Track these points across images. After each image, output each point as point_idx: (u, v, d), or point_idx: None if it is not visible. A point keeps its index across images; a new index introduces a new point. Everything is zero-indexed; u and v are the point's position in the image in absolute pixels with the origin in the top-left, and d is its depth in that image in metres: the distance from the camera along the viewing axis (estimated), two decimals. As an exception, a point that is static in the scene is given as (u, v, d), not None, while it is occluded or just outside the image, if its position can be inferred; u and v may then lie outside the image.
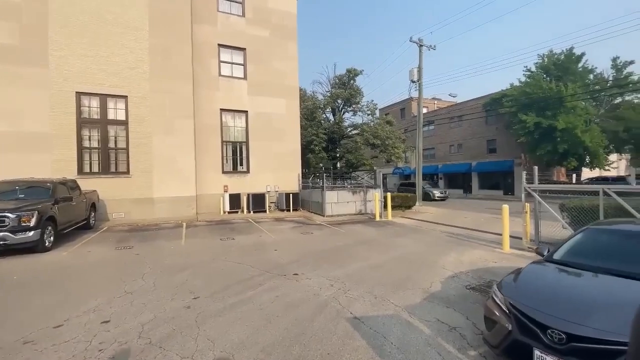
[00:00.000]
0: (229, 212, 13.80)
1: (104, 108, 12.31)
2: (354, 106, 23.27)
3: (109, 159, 12.41)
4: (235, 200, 14.06)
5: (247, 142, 15.21)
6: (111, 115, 12.45)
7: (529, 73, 24.78)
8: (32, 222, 7.09)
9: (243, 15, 15.35)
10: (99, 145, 12.28)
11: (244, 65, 15.27)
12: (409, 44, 20.71)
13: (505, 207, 7.68)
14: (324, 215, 13.09)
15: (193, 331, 3.55)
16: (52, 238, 7.76)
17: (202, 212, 13.59)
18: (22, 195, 8.05)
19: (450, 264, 6.35)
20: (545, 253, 3.56)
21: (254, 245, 8.12)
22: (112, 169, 12.45)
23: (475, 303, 4.40)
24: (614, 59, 24.33)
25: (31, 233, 7.08)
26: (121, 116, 12.52)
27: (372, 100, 26.30)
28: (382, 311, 4.07)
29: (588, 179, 22.93)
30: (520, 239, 7.95)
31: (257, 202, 14.26)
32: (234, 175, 14.86)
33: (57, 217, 8.01)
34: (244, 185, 14.73)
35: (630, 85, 23.11)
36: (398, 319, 3.85)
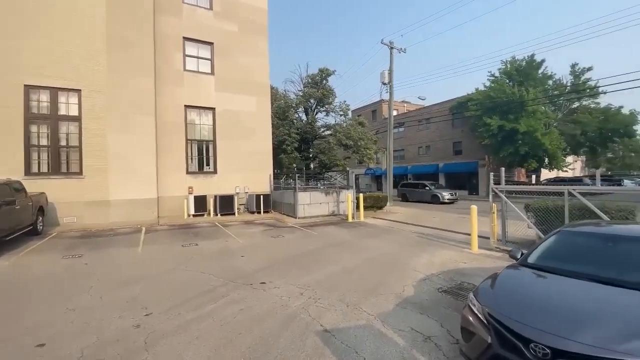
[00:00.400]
0: (194, 216, 13.04)
1: (54, 103, 11.16)
2: (326, 106, 23.10)
3: (60, 158, 11.27)
4: (201, 202, 13.31)
5: (214, 141, 14.50)
6: (62, 111, 11.32)
7: (493, 78, 25.97)
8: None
9: (210, 8, 14.62)
10: (48, 143, 11.12)
11: (211, 60, 14.55)
12: (381, 46, 20.90)
13: (474, 207, 7.77)
14: (296, 217, 12.74)
15: (140, 356, 3.09)
16: (-15, 247, 6.80)
17: (165, 216, 12.73)
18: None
19: (422, 266, 6.28)
20: (519, 256, 3.48)
21: (219, 251, 7.61)
22: (63, 169, 11.32)
23: (449, 307, 4.29)
24: (573, 66, 26.12)
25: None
26: (73, 111, 11.42)
27: (345, 101, 26.45)
28: (354, 321, 3.82)
29: (547, 179, 24.40)
30: (488, 238, 8.08)
31: (225, 204, 13.60)
32: (200, 175, 14.10)
33: (-8, 223, 7.03)
34: (211, 187, 14.02)
35: (588, 90, 24.90)
36: (371, 329, 3.61)
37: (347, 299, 4.54)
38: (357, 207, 12.90)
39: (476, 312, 2.66)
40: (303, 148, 23.13)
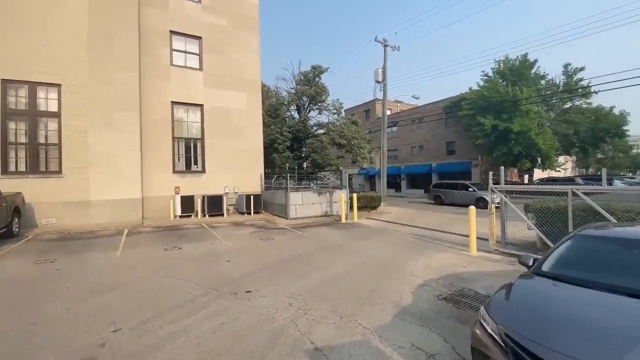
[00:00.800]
0: (180, 217, 12.50)
1: (32, 98, 10.54)
2: (319, 104, 22.66)
3: (38, 156, 10.65)
4: (188, 203, 12.77)
5: (202, 139, 13.97)
6: (42, 107, 10.71)
7: (486, 77, 25.90)
8: None
9: (199, 1, 14.09)
10: (26, 140, 10.49)
11: (200, 55, 14.02)
12: (375, 44, 20.59)
13: (472, 208, 7.47)
14: (287, 218, 12.31)
15: (100, 384, 2.65)
16: (-54, 253, 6.22)
17: (150, 217, 12.17)
18: None
19: (419, 270, 5.93)
20: (531, 263, 3.13)
21: (204, 255, 7.15)
22: (42, 167, 10.70)
23: (451, 318, 3.94)
24: (566, 66, 26.21)
25: None
26: (53, 107, 10.80)
27: (338, 99, 25.88)
28: (349, 337, 3.43)
29: (539, 179, 24.42)
30: (487, 240, 7.79)
31: (214, 204, 13.09)
32: (187, 175, 13.56)
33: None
34: (199, 187, 13.49)
35: (580, 90, 24.98)
36: (367, 347, 3.23)
37: (340, 309, 4.15)
38: (351, 208, 12.53)
39: (490, 331, 2.30)
40: (295, 147, 22.67)
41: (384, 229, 10.72)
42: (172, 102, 13.24)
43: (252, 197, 13.71)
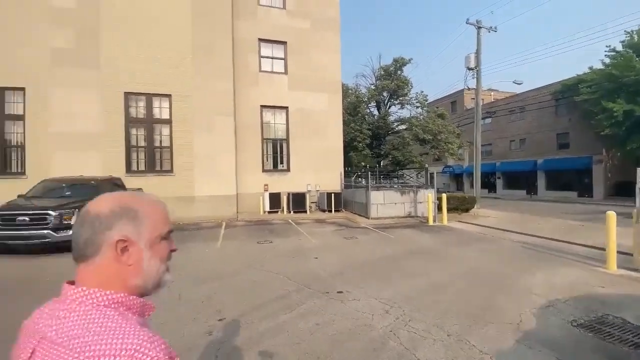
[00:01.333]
0: (269, 212, 13.28)
1: (149, 107, 12.45)
2: (400, 98, 21.52)
3: (155, 158, 12.53)
4: (275, 199, 13.50)
5: (287, 140, 14.60)
6: (156, 114, 12.57)
7: (613, 53, 20.98)
8: (73, 220, 7.00)
9: (284, 7, 14.74)
10: (145, 143, 12.45)
11: (285, 59, 14.66)
12: (464, 28, 18.58)
13: (612, 214, 5.92)
14: (368, 218, 11.94)
15: (210, 372, 2.74)
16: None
17: (243, 212, 13.22)
18: (68, 193, 8.11)
19: (540, 287, 4.91)
20: None
21: (293, 250, 7.30)
22: (157, 167, 12.55)
23: (597, 351, 3.07)
24: None
25: (71, 231, 6.98)
26: (165, 115, 12.58)
27: (422, 92, 23.84)
28: (463, 360, 2.91)
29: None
30: (629, 255, 6.13)
31: (298, 202, 13.55)
32: (274, 174, 14.33)
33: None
34: (284, 184, 14.13)
35: None
36: (491, 378, 2.67)
37: (445, 325, 3.62)
38: (439, 209, 11.47)
39: None
40: (375, 144, 22.01)
41: (482, 235, 9.46)
42: (261, 106, 14.16)
43: (332, 195, 13.74)
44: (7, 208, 6.93)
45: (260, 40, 14.35)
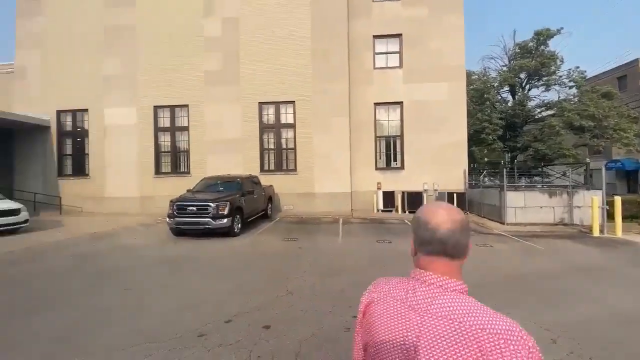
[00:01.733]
0: (382, 211, 13.07)
1: (277, 114, 13.97)
2: (545, 79, 17.67)
3: (282, 158, 14.00)
4: (389, 198, 13.18)
5: (401, 136, 14.03)
6: (283, 120, 13.99)
7: None
8: (226, 211, 8.44)
9: (398, -1, 14.18)
10: (274, 146, 14.04)
11: (400, 52, 14.11)
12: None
13: None
14: (503, 223, 10.29)
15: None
16: (239, 225, 9.10)
17: (356, 209, 13.42)
18: (222, 188, 9.84)
19: None
20: None
21: (417, 253, 6.88)
22: (284, 166, 13.98)
23: None
24: None
25: (225, 220, 8.43)
26: (290, 120, 13.87)
27: (578, 67, 18.30)
28: None
29: None
30: None
31: (413, 201, 12.84)
32: (387, 171, 14.00)
33: (243, 207, 9.35)
34: (398, 183, 13.64)
35: None
36: None
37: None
38: (609, 216, 8.90)
39: None
40: (509, 136, 18.74)
41: (684, 254, 6.86)
42: (374, 103, 14.06)
43: (454, 195, 12.48)
44: (181, 200, 8.86)
45: (375, 37, 14.24)
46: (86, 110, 14.53)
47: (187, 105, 14.09)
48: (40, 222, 11.24)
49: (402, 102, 14.00)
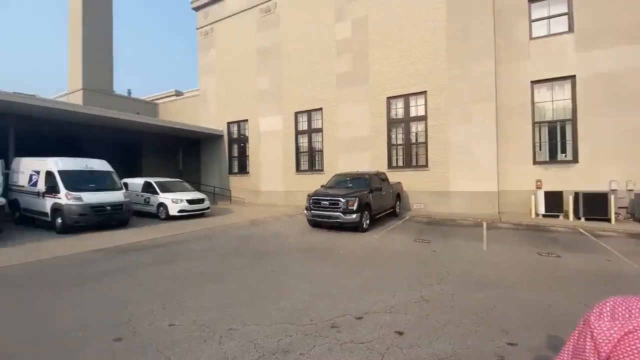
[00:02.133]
0: (544, 216, 10.45)
1: (406, 107, 13.30)
2: None
3: (411, 154, 13.26)
4: (554, 200, 10.41)
5: (573, 119, 10.87)
6: (412, 113, 13.21)
7: None
8: (355, 207, 8.58)
9: (569, -57, 11.01)
10: (402, 141, 13.44)
11: (569, 13, 10.95)
12: None
13: None
14: None
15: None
16: (367, 221, 9.11)
17: (505, 212, 11.27)
18: (351, 185, 10.10)
19: None
20: None
21: (599, 273, 5.12)
22: (413, 162, 13.20)
23: None
24: None
25: (354, 215, 8.58)
26: (420, 112, 12.96)
27: None
28: None
29: None
30: None
31: (593, 205, 9.71)
32: (552, 166, 11.12)
33: (371, 203, 9.31)
34: (568, 180, 10.63)
35: None
36: None
37: None
38: None
39: None
40: None
41: None
42: (531, 81, 11.44)
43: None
44: (316, 194, 9.54)
45: (531, 0, 11.56)
46: (246, 120, 17.75)
47: (321, 109, 15.18)
48: (216, 209, 14.44)
49: (574, 76, 10.86)
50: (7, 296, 4.49)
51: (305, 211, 9.60)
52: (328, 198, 9.07)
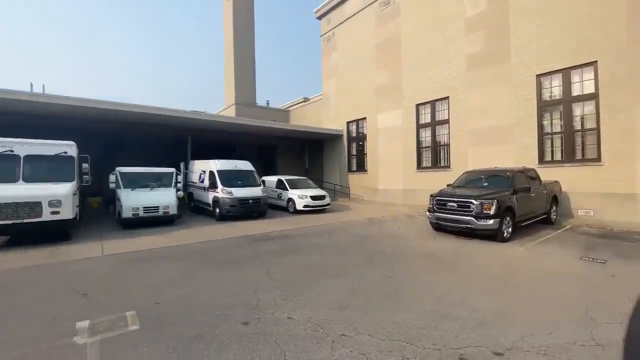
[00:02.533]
0: None
1: (566, 85, 10.40)
2: None
3: (574, 144, 10.32)
4: None
5: None
6: (575, 91, 10.24)
7: None
8: (492, 211, 7.21)
9: None
10: (561, 129, 10.60)
11: None
12: None
13: None
14: None
15: None
16: (510, 229, 7.53)
17: None
18: (486, 184, 8.58)
19: None
20: None
21: None
22: (577, 155, 10.25)
23: None
24: None
25: (491, 221, 7.21)
26: (588, 89, 9.91)
27: None
28: None
29: None
30: None
31: None
32: None
33: (515, 207, 7.66)
34: None
35: None
36: None
37: None
38: None
39: None
40: None
41: None
42: None
43: None
44: (441, 194, 8.52)
45: None
46: (364, 118, 17.75)
47: (447, 98, 13.63)
48: (336, 205, 14.99)
49: None
50: (175, 269, 5.70)
51: (428, 213, 8.72)
52: (456, 199, 7.93)
